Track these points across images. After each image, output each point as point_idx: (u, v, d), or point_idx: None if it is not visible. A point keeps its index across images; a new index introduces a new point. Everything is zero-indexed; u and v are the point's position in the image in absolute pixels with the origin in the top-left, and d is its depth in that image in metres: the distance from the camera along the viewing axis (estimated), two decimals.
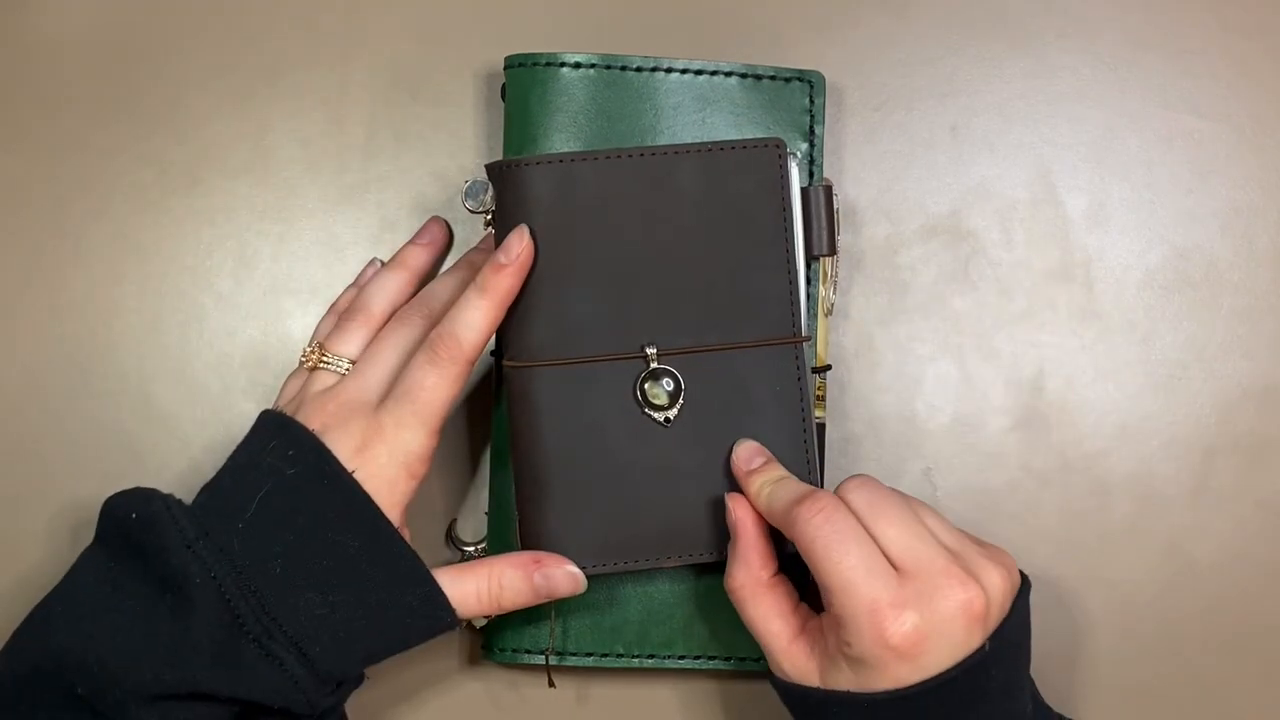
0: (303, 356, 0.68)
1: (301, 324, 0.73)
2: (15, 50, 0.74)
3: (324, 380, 0.67)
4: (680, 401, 0.66)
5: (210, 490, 0.64)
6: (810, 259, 0.69)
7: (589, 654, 0.70)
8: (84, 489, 0.72)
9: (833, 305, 0.71)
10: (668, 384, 0.66)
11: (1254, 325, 0.74)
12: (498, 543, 0.70)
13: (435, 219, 0.72)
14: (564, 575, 0.65)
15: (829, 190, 0.69)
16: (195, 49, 0.74)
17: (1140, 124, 0.74)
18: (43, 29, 0.74)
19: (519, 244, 0.65)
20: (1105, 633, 0.73)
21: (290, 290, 0.74)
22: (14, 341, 0.73)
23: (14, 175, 0.74)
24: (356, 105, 0.74)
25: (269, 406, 0.67)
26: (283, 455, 0.63)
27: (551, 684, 0.69)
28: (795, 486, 0.64)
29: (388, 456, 0.63)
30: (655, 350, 0.66)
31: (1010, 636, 0.62)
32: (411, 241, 0.71)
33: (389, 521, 0.63)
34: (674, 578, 0.70)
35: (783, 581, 0.65)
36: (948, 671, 0.60)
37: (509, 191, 0.66)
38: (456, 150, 0.74)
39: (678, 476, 0.66)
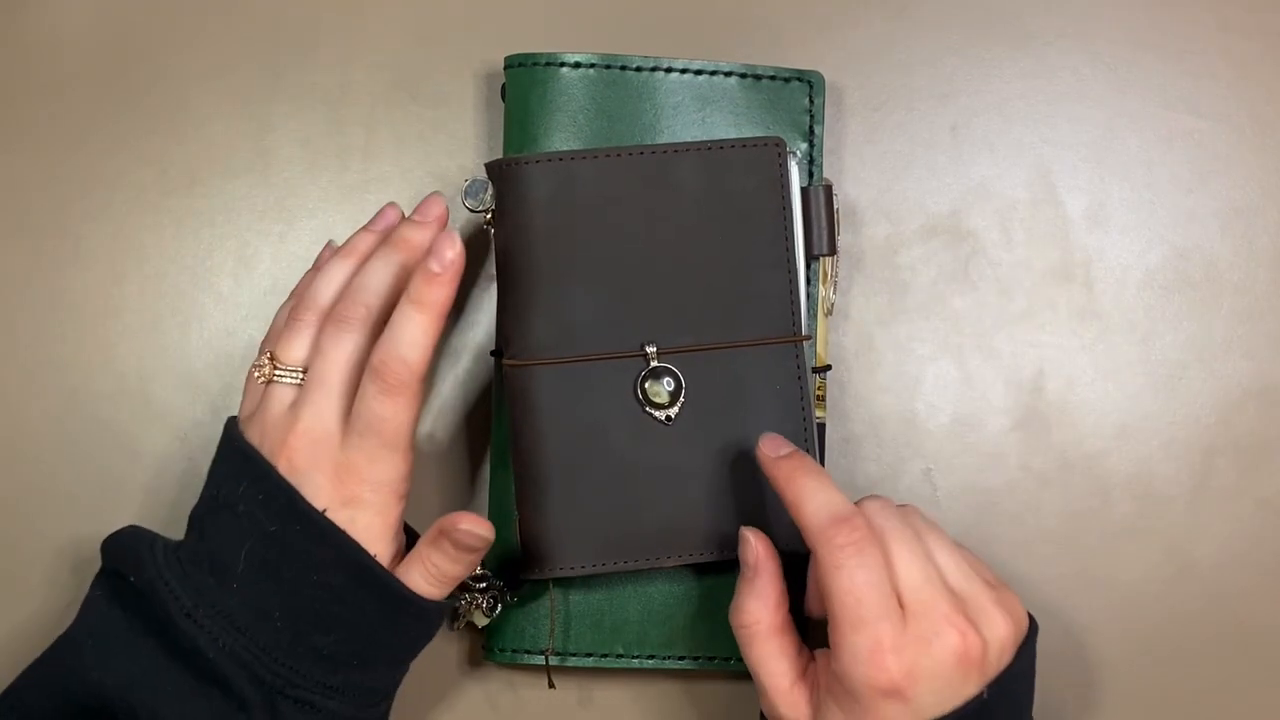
0: (255, 370, 0.66)
1: None
2: (15, 49, 0.74)
3: (281, 396, 0.64)
4: (681, 400, 0.66)
5: (196, 531, 0.64)
6: (810, 259, 0.69)
7: (589, 654, 0.70)
8: (84, 489, 0.72)
9: (833, 305, 0.71)
10: (668, 383, 0.66)
11: (1254, 325, 0.74)
12: (498, 542, 0.70)
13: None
14: (465, 534, 0.62)
15: (829, 190, 0.69)
16: (195, 49, 0.74)
17: (1140, 124, 0.74)
18: (43, 28, 0.74)
19: (451, 250, 0.62)
20: (1105, 633, 0.73)
21: (290, 290, 0.74)
22: (14, 341, 0.73)
23: (14, 175, 0.74)
24: (356, 105, 0.74)
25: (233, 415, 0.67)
26: (255, 501, 0.62)
27: (551, 684, 0.69)
28: (831, 498, 0.62)
29: (372, 492, 0.62)
30: (655, 349, 0.66)
31: (1012, 686, 0.62)
32: (366, 228, 0.69)
33: (364, 550, 0.62)
34: (674, 578, 0.70)
35: (792, 623, 0.64)
36: (943, 718, 0.59)
37: (509, 190, 0.66)
38: (456, 150, 0.74)
39: (678, 475, 0.66)
